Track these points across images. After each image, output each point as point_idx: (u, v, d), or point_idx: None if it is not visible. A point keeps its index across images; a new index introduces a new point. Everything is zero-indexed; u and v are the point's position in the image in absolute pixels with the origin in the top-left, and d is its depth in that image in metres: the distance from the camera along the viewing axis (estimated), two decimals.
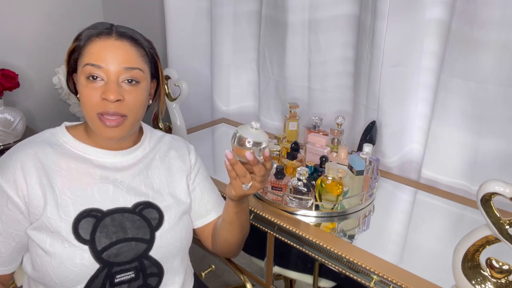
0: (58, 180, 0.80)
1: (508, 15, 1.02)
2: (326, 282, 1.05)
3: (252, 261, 1.22)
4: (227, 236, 0.94)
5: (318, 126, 1.35)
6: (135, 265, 0.83)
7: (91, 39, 0.80)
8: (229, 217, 0.91)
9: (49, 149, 0.81)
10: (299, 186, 1.07)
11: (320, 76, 1.49)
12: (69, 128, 0.87)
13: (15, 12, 1.74)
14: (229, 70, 1.76)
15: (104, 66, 0.78)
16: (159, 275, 0.87)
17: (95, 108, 0.78)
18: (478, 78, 1.12)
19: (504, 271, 0.75)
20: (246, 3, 1.63)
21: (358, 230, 1.07)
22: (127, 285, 0.83)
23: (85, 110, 0.80)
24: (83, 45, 0.80)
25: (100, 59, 0.78)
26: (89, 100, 0.78)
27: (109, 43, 0.79)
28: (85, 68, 0.78)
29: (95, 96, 0.78)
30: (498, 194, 0.69)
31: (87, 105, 0.79)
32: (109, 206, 0.82)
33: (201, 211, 0.97)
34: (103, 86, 0.78)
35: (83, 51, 0.80)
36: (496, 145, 1.14)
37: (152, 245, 0.84)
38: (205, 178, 1.00)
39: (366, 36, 1.29)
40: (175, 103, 1.42)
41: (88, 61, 0.78)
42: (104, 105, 0.78)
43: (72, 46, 0.82)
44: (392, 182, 1.28)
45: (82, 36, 0.81)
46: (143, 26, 1.98)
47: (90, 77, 0.78)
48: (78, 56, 0.81)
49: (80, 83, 0.80)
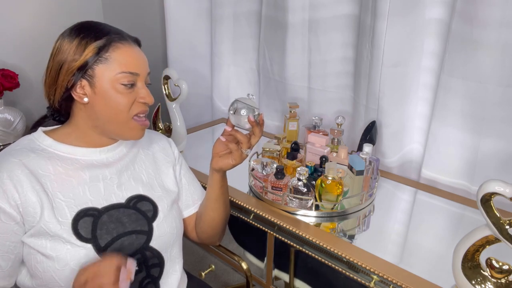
0: (49, 184, 0.79)
1: (508, 15, 1.02)
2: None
3: (252, 261, 1.22)
4: (214, 215, 0.98)
5: (318, 126, 1.35)
6: (138, 257, 0.85)
7: (116, 45, 0.80)
8: (215, 194, 0.96)
9: (32, 154, 0.80)
10: (299, 186, 1.07)
11: (320, 76, 1.49)
12: (47, 132, 0.86)
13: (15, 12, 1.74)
14: (229, 70, 1.76)
15: (140, 73, 0.83)
16: (160, 265, 0.90)
17: (132, 111, 0.83)
18: (478, 78, 1.12)
19: (504, 271, 0.75)
20: (246, 3, 1.63)
21: (358, 230, 1.07)
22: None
23: (117, 115, 0.81)
24: (105, 51, 0.79)
25: (135, 67, 0.82)
26: (124, 105, 0.81)
27: (135, 50, 0.83)
28: (121, 75, 0.80)
29: (131, 101, 0.82)
30: (498, 194, 0.69)
31: (122, 110, 0.81)
32: (103, 203, 0.83)
33: (188, 201, 1.01)
34: (136, 91, 0.83)
35: (108, 57, 0.79)
36: (496, 145, 1.14)
37: (151, 236, 0.86)
38: (188, 170, 1.05)
39: (366, 36, 1.29)
40: (175, 103, 1.42)
41: (124, 69, 0.80)
42: (142, 106, 0.84)
43: (92, 51, 0.79)
44: (392, 182, 1.28)
45: (100, 41, 0.79)
46: (143, 26, 1.99)
47: (128, 84, 0.81)
48: (96, 62, 0.79)
49: (110, 90, 0.80)
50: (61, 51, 0.80)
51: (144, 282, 0.88)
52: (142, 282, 0.87)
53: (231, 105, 0.88)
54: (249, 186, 1.23)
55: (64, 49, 0.80)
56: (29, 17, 1.78)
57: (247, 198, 1.17)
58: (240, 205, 1.14)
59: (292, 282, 1.13)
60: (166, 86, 1.44)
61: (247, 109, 0.86)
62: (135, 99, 0.82)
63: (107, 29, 0.82)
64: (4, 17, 1.71)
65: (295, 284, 1.13)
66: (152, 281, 0.89)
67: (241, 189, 1.21)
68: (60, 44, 0.81)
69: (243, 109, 0.86)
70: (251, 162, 1.23)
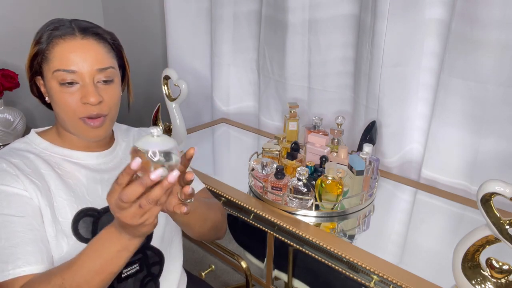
0: (51, 182, 0.78)
1: (508, 15, 1.02)
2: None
3: (252, 261, 1.22)
4: (203, 230, 0.86)
5: (318, 126, 1.35)
6: (139, 257, 0.85)
7: (55, 41, 0.76)
8: (181, 223, 0.82)
9: (32, 156, 0.79)
10: (299, 186, 1.07)
11: (320, 76, 1.49)
12: (41, 134, 0.85)
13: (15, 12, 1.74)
14: (229, 70, 1.76)
15: (77, 70, 0.76)
16: (160, 263, 0.90)
17: (77, 113, 0.77)
18: (478, 78, 1.12)
19: (504, 271, 0.75)
20: (246, 3, 1.63)
21: (358, 230, 1.07)
22: (133, 279, 0.86)
23: (65, 115, 0.78)
24: (46, 48, 0.76)
25: (71, 63, 0.75)
26: (68, 106, 0.77)
27: (76, 44, 0.76)
28: (57, 74, 0.75)
29: (74, 101, 0.77)
30: (498, 194, 0.69)
31: (67, 111, 0.77)
32: (102, 205, 0.82)
33: None
34: (80, 89, 0.77)
35: (48, 55, 0.76)
36: (496, 145, 1.14)
37: (151, 235, 0.86)
38: None
39: (366, 36, 1.29)
40: (175, 103, 1.42)
41: (58, 66, 0.75)
42: (86, 109, 0.77)
43: (34, 51, 0.78)
44: (392, 182, 1.28)
45: (43, 38, 0.77)
46: (143, 26, 1.99)
47: (65, 83, 0.76)
48: (42, 60, 0.77)
49: (53, 89, 0.77)
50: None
51: (145, 280, 0.88)
52: (143, 280, 0.88)
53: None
54: (249, 186, 1.23)
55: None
56: (29, 17, 1.78)
57: (247, 198, 1.17)
58: (240, 205, 1.14)
59: (291, 282, 1.13)
60: (166, 86, 1.45)
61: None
62: (79, 98, 0.77)
63: (55, 25, 0.78)
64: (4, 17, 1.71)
65: (294, 284, 1.13)
66: (152, 279, 0.89)
67: (241, 189, 1.21)
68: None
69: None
70: (251, 162, 1.23)
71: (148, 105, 1.84)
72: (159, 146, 0.58)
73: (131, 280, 0.85)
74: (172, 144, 0.60)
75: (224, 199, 1.18)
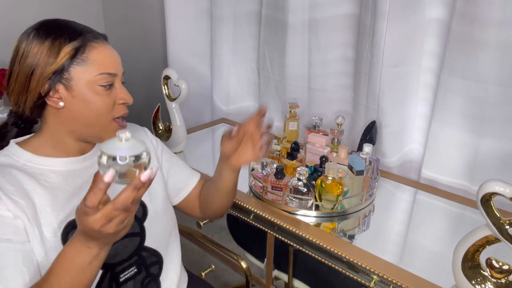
0: (36, 199, 0.74)
1: (508, 15, 1.02)
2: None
3: (252, 262, 1.22)
4: (223, 204, 0.99)
5: (318, 126, 1.35)
6: (135, 259, 0.85)
7: (91, 45, 0.76)
8: (228, 187, 0.95)
9: (14, 171, 0.75)
10: (299, 186, 1.07)
11: (320, 76, 1.49)
12: (21, 144, 0.79)
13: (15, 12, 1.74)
14: (229, 70, 1.76)
15: (117, 73, 0.79)
16: (159, 263, 0.90)
17: (114, 113, 0.79)
18: (478, 78, 1.12)
19: (504, 271, 0.75)
20: (246, 3, 1.63)
21: (358, 230, 1.07)
22: (132, 281, 0.85)
23: (96, 118, 0.77)
24: (82, 51, 0.75)
25: (113, 67, 0.78)
26: (105, 107, 0.77)
27: (108, 48, 0.79)
28: (101, 77, 0.76)
29: (111, 102, 0.78)
30: (498, 194, 0.69)
31: (102, 112, 0.77)
32: None
33: (178, 185, 1.00)
34: (114, 91, 0.79)
35: (85, 59, 0.75)
36: (496, 145, 1.14)
37: (145, 236, 0.85)
38: (171, 154, 1.02)
39: (366, 36, 1.29)
40: (175, 103, 1.42)
41: (102, 69, 0.76)
42: (122, 109, 0.80)
43: (68, 55, 0.74)
44: (392, 182, 1.28)
45: (76, 43, 0.74)
46: (143, 26, 1.99)
47: (106, 85, 0.77)
48: (73, 64, 0.74)
49: (88, 93, 0.75)
50: (31, 53, 0.74)
51: (145, 281, 0.88)
52: (143, 281, 0.87)
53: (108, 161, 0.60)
54: (249, 186, 1.23)
55: (34, 52, 0.73)
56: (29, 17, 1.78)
57: (247, 198, 1.17)
58: (240, 205, 1.14)
59: (291, 281, 1.13)
60: (166, 86, 1.44)
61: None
62: (114, 100, 0.79)
63: (79, 28, 0.77)
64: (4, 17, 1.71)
65: (294, 284, 1.13)
66: (152, 279, 0.89)
67: (241, 189, 1.21)
68: (28, 45, 0.74)
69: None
70: (251, 162, 1.23)
71: (148, 105, 1.84)
72: (127, 151, 0.59)
73: (130, 283, 0.85)
74: (142, 148, 0.60)
75: None
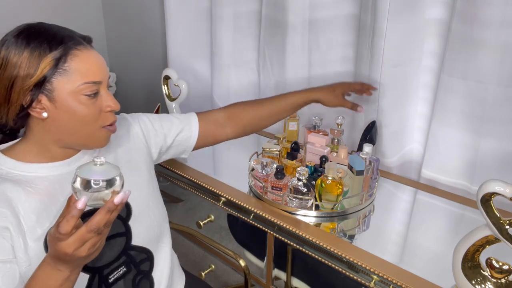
0: (20, 207, 0.72)
1: (508, 15, 1.02)
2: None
3: (252, 261, 1.22)
4: (268, 123, 1.16)
5: (318, 126, 1.35)
6: (124, 259, 0.83)
7: (72, 53, 0.72)
8: (290, 111, 1.16)
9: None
10: (299, 186, 1.07)
11: (320, 76, 1.48)
12: (4, 152, 0.77)
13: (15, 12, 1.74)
14: (229, 70, 1.76)
15: (102, 80, 0.76)
16: (149, 259, 0.88)
17: (100, 122, 0.77)
18: (478, 78, 1.12)
19: (504, 271, 0.75)
20: (246, 3, 1.63)
21: (358, 230, 1.07)
22: (122, 281, 0.84)
23: (82, 127, 0.75)
24: (63, 61, 0.71)
25: (97, 74, 0.74)
26: (91, 116, 0.75)
27: (91, 55, 0.75)
28: (83, 86, 0.73)
29: (97, 111, 0.76)
30: (498, 194, 0.69)
31: (88, 122, 0.75)
32: None
33: (184, 138, 1.03)
34: (100, 99, 0.76)
35: (67, 68, 0.72)
36: (496, 145, 1.14)
37: (130, 235, 0.84)
38: (160, 120, 1.00)
39: (366, 36, 1.29)
40: (175, 103, 1.42)
41: (86, 79, 0.73)
42: (109, 117, 0.78)
43: (48, 66, 0.70)
44: (392, 182, 1.28)
45: (57, 52, 0.71)
46: (143, 26, 1.99)
47: (91, 94, 0.74)
48: (55, 74, 0.71)
49: (73, 103, 0.73)
50: (9, 64, 0.70)
51: (136, 279, 0.87)
52: (135, 280, 0.86)
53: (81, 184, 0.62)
54: (249, 186, 1.23)
55: (13, 63, 0.70)
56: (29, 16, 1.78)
57: (247, 198, 1.17)
58: (240, 205, 1.14)
59: (290, 281, 1.13)
60: (166, 86, 1.45)
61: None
62: (100, 108, 0.76)
63: (60, 35, 0.73)
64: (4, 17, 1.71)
65: (293, 284, 1.13)
66: (144, 276, 0.88)
67: (241, 189, 1.21)
68: (6, 55, 0.70)
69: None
70: (251, 162, 1.23)
71: (148, 105, 1.84)
72: (101, 175, 0.61)
73: (120, 282, 0.84)
74: (115, 172, 0.63)
75: (224, 199, 1.19)
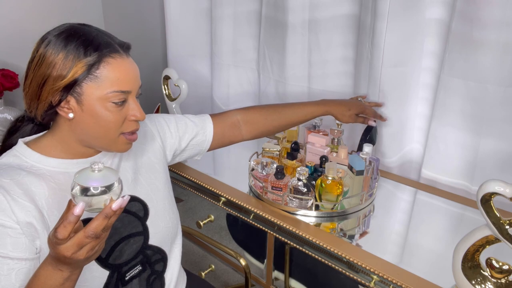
0: (44, 201, 0.73)
1: (508, 15, 1.02)
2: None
3: (252, 262, 1.22)
4: (286, 129, 1.19)
5: (318, 126, 1.35)
6: (140, 258, 0.85)
7: (106, 60, 0.73)
8: (306, 121, 1.15)
9: (23, 172, 0.73)
10: (299, 186, 1.07)
11: (320, 76, 1.49)
12: (30, 145, 0.78)
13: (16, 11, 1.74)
14: (229, 70, 1.76)
15: (132, 90, 0.76)
16: (163, 260, 0.90)
17: (122, 129, 0.77)
18: (478, 78, 1.12)
19: (504, 271, 0.75)
20: (246, 3, 1.63)
21: (358, 230, 1.07)
22: (137, 279, 0.86)
23: (103, 132, 0.76)
24: (96, 67, 0.72)
25: (127, 84, 0.75)
26: (114, 123, 0.75)
27: (125, 64, 0.75)
28: (112, 94, 0.73)
29: (121, 118, 0.76)
30: (498, 194, 0.69)
31: (110, 128, 0.75)
32: None
33: (199, 139, 1.04)
34: (126, 107, 0.77)
35: (99, 75, 0.73)
36: (496, 145, 1.14)
37: (148, 235, 0.86)
38: (175, 122, 1.00)
39: (366, 36, 1.29)
40: (175, 103, 1.42)
41: (115, 87, 0.73)
42: (132, 125, 0.78)
43: (80, 71, 0.72)
44: (392, 182, 1.28)
45: (90, 59, 0.72)
46: (143, 26, 1.99)
47: (118, 102, 0.74)
48: (85, 79, 0.72)
49: (99, 108, 0.74)
50: (45, 62, 0.72)
51: (150, 279, 0.88)
52: (149, 279, 0.88)
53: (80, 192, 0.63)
54: (249, 186, 1.23)
55: (49, 61, 0.72)
56: (30, 17, 1.78)
57: (247, 198, 1.17)
58: (240, 205, 1.14)
59: (288, 281, 1.13)
60: (166, 86, 1.45)
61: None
62: (125, 116, 0.77)
63: (97, 41, 0.73)
64: (4, 17, 1.71)
65: (291, 284, 1.13)
66: (157, 276, 0.90)
67: (241, 189, 1.21)
68: (43, 53, 0.72)
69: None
70: (251, 162, 1.23)
71: (148, 105, 1.84)
72: (99, 182, 0.61)
73: (135, 280, 0.86)
74: (114, 178, 0.63)
75: (224, 199, 1.19)
